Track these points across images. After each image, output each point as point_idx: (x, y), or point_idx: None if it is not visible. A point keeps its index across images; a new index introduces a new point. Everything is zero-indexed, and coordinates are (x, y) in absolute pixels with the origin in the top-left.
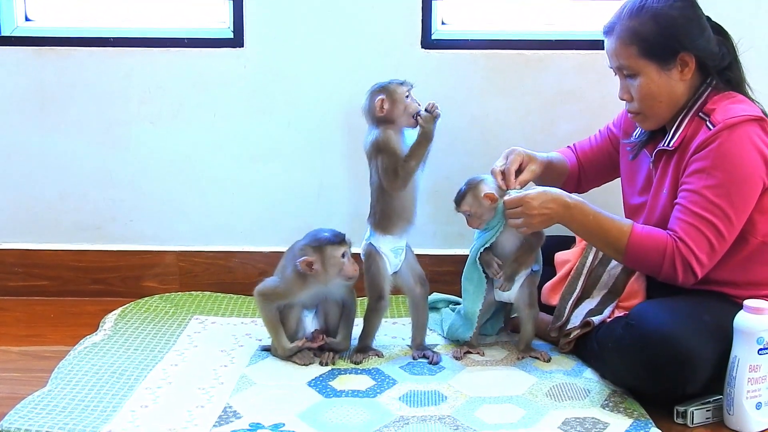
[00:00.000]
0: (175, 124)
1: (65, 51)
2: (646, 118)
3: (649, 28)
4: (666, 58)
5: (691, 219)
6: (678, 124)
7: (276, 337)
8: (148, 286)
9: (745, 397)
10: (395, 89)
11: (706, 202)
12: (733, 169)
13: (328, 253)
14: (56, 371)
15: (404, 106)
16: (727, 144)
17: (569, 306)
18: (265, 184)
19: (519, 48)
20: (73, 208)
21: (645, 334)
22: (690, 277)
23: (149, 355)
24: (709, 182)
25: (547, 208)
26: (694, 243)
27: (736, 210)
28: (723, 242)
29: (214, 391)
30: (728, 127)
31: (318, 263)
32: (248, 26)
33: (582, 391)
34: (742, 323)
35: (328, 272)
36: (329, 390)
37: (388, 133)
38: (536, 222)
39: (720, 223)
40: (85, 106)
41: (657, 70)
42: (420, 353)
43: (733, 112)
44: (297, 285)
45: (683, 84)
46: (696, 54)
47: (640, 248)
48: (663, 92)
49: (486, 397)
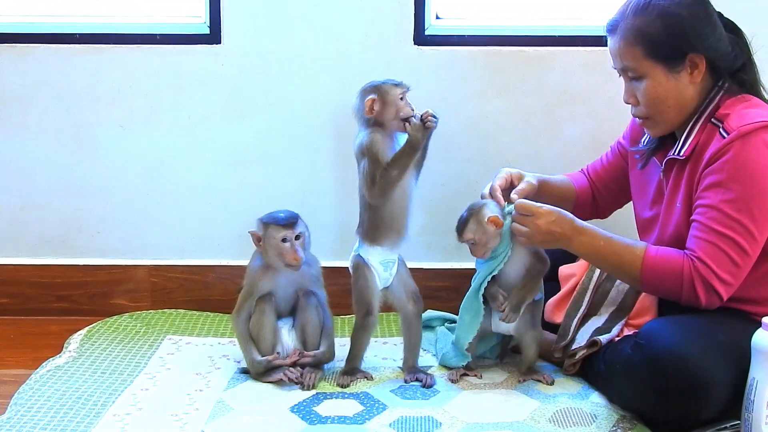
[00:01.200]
0: (147, 127)
1: (26, 48)
2: (654, 123)
3: (656, 28)
4: (674, 60)
5: (710, 236)
6: (689, 131)
7: (244, 350)
8: (117, 304)
9: (765, 423)
10: (388, 90)
11: (725, 217)
12: (752, 182)
13: (269, 233)
14: (16, 397)
15: (396, 108)
16: (744, 154)
17: (575, 324)
18: (245, 191)
19: (520, 44)
20: (36, 219)
21: (655, 354)
22: (714, 298)
23: (118, 378)
24: (727, 196)
25: (557, 227)
26: (714, 262)
27: (758, 224)
28: (747, 258)
29: (188, 418)
30: (743, 135)
31: (262, 240)
32: (226, 21)
33: (588, 417)
34: (761, 342)
35: (268, 252)
36: (314, 416)
37: (375, 137)
38: (539, 238)
39: (741, 238)
40: (49, 108)
41: (665, 72)
42: (412, 376)
43: (749, 118)
44: (258, 271)
45: (693, 87)
46: (706, 55)
47: (656, 272)
48: (671, 96)
49: (484, 423)
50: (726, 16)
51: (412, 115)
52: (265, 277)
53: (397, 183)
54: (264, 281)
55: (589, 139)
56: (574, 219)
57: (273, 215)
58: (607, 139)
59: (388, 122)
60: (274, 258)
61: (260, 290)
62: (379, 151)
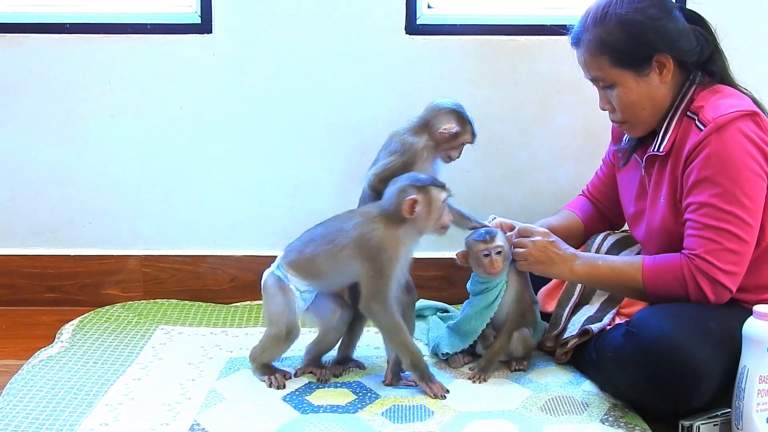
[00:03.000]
0: (138, 118)
1: (17, 38)
2: (632, 126)
3: (617, 36)
4: (640, 64)
5: (705, 232)
6: (666, 127)
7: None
8: (109, 294)
9: (755, 411)
10: (437, 196)
11: (717, 211)
12: (735, 171)
13: (434, 195)
14: (8, 387)
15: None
16: (723, 146)
17: (566, 313)
18: (237, 182)
19: (512, 33)
20: (27, 210)
21: (646, 343)
22: (721, 291)
23: (110, 368)
24: (715, 190)
25: (555, 249)
26: (713, 256)
27: (749, 210)
28: (745, 245)
29: (180, 408)
30: (719, 127)
31: (422, 204)
32: (217, 10)
33: (580, 405)
34: (752, 330)
35: (430, 216)
36: (306, 405)
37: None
38: (537, 256)
39: (736, 228)
40: (39, 99)
41: (634, 77)
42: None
43: (723, 108)
44: (389, 238)
45: (664, 86)
46: (672, 54)
47: (658, 280)
48: (644, 99)
49: (476, 412)
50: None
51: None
52: (398, 241)
53: None
54: (400, 245)
55: (580, 127)
56: (572, 248)
57: (425, 179)
58: (597, 128)
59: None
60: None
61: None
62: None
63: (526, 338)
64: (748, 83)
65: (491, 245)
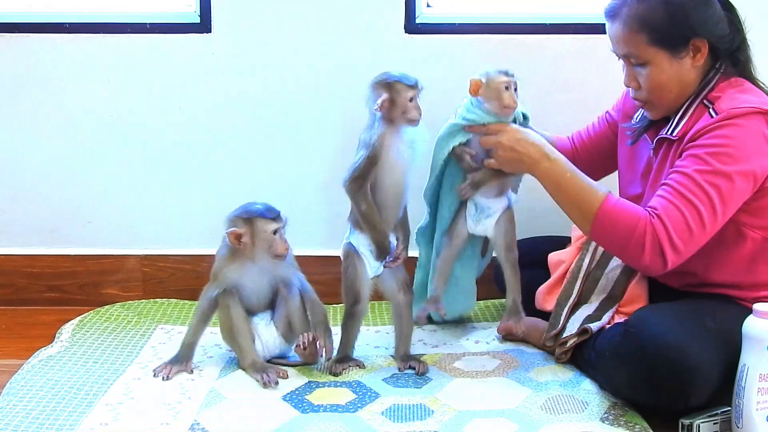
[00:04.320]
0: (137, 117)
1: (16, 38)
2: (654, 107)
3: (660, 15)
4: (678, 46)
5: (675, 198)
6: (683, 113)
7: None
8: (108, 294)
9: (755, 409)
10: (400, 90)
11: (695, 185)
12: (731, 161)
13: (259, 227)
14: (8, 386)
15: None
16: (727, 133)
17: (565, 312)
18: (236, 180)
19: (512, 32)
20: (26, 209)
21: (645, 341)
22: (657, 260)
23: (110, 368)
24: (701, 167)
25: (521, 147)
26: (672, 223)
27: (724, 203)
28: (702, 231)
29: (180, 407)
30: (732, 117)
31: (247, 236)
32: (216, 10)
33: (580, 404)
34: (752, 329)
35: (256, 246)
36: (306, 405)
37: (381, 141)
38: (506, 156)
39: (705, 210)
40: (39, 98)
41: (669, 58)
42: (405, 364)
43: (739, 102)
44: (227, 261)
45: (694, 71)
46: (708, 38)
47: (610, 219)
48: (673, 81)
49: (476, 411)
50: None
51: (417, 119)
52: (233, 267)
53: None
54: (231, 271)
55: (580, 126)
56: (544, 145)
57: (253, 210)
58: None
59: (395, 120)
60: (262, 252)
61: (227, 280)
62: (378, 156)
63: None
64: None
65: (512, 79)
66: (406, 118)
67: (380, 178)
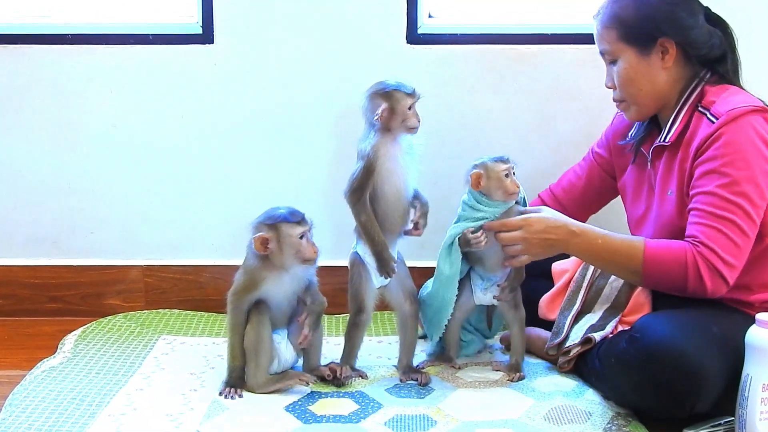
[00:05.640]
0: (139, 127)
1: (18, 49)
2: (628, 106)
3: (630, 12)
4: (645, 43)
5: (710, 221)
6: (674, 118)
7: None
8: (110, 304)
9: (759, 419)
10: (399, 99)
11: (723, 201)
12: (745, 164)
13: (285, 232)
14: (10, 398)
15: (403, 118)
16: (734, 138)
17: (569, 321)
18: (238, 190)
19: (512, 42)
20: (28, 220)
21: (650, 347)
22: (720, 283)
23: (112, 379)
24: (722, 181)
25: (549, 235)
26: (717, 245)
27: (754, 205)
28: (747, 240)
29: (183, 418)
30: (731, 120)
31: (273, 242)
32: (218, 21)
33: (583, 414)
34: (755, 339)
35: (283, 252)
36: (309, 415)
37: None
38: (537, 249)
39: (741, 220)
40: (41, 108)
41: (636, 55)
42: (408, 376)
43: (734, 103)
44: (259, 270)
45: (666, 72)
46: (678, 41)
47: (658, 263)
48: (643, 79)
49: (479, 422)
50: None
51: (417, 127)
52: (264, 276)
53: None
54: (263, 281)
55: (581, 135)
56: (567, 222)
57: (278, 215)
58: (598, 136)
59: (394, 128)
60: (290, 258)
61: (258, 291)
62: (375, 166)
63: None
64: None
65: (511, 165)
66: (406, 126)
67: (380, 188)
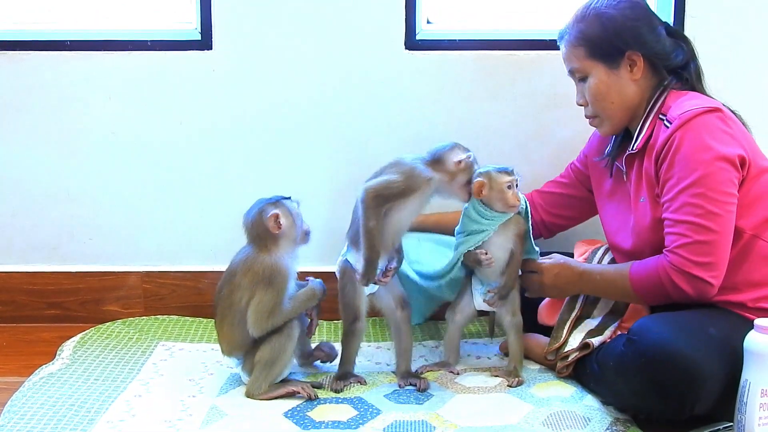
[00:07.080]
0: (138, 134)
1: (17, 55)
2: (601, 121)
3: (594, 29)
4: (613, 58)
5: (676, 228)
6: (641, 127)
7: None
8: (109, 311)
9: (758, 424)
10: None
11: (684, 205)
12: (697, 164)
13: (289, 208)
14: (9, 404)
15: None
16: (686, 141)
17: (567, 326)
18: (237, 196)
19: (510, 48)
20: (27, 226)
21: (647, 349)
22: (700, 285)
23: (111, 385)
24: (681, 185)
25: (562, 280)
26: (684, 249)
27: (717, 202)
28: (715, 235)
29: (181, 424)
30: (684, 123)
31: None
32: (217, 27)
33: (582, 419)
34: (754, 344)
35: (296, 224)
36: (307, 421)
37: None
38: (552, 293)
39: (703, 219)
40: (40, 115)
41: (605, 69)
42: (406, 381)
43: (687, 106)
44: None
45: (635, 84)
46: (644, 53)
47: (643, 284)
48: (613, 92)
49: (478, 427)
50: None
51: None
52: (279, 255)
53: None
54: (283, 259)
55: (579, 141)
56: (570, 264)
57: (272, 197)
58: None
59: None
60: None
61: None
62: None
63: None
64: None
65: (515, 177)
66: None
67: (397, 208)
